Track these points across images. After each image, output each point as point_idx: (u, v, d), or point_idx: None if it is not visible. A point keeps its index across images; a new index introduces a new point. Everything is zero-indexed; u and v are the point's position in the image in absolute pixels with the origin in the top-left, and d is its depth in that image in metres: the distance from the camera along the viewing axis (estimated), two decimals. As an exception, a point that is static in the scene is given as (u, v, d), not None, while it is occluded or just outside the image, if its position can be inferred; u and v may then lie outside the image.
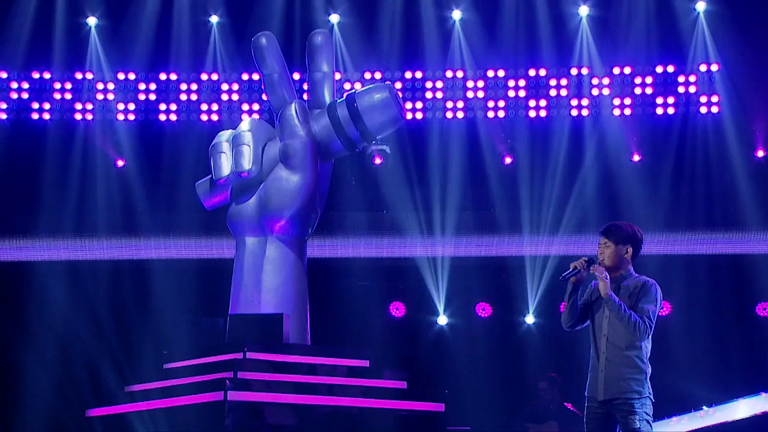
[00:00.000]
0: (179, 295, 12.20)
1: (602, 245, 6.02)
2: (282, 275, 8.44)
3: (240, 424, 7.54)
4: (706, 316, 12.10)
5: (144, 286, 12.37)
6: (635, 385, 5.83)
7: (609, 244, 6.00)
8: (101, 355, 11.67)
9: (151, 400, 8.00)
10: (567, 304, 6.03)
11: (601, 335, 5.92)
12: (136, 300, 12.31)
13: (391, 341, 12.31)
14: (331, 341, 11.00)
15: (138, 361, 10.89)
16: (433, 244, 12.64)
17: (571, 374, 10.35)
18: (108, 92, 12.65)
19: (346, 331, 11.94)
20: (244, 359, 7.92)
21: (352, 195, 12.71)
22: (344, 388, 8.16)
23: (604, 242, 6.02)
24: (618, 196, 12.19)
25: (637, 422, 5.77)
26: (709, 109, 12.18)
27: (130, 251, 12.65)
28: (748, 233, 12.20)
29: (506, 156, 12.67)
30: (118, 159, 12.74)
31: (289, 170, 8.39)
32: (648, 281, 5.97)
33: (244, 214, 8.52)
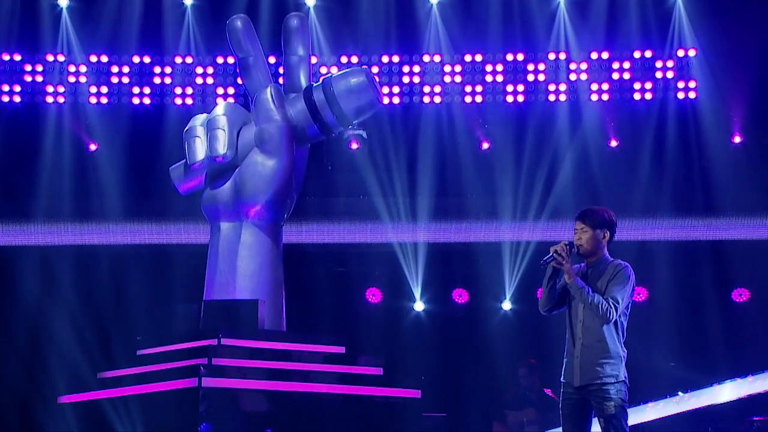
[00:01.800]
0: (153, 281, 12.17)
1: (579, 230, 6.06)
2: (257, 261, 8.44)
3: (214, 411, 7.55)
4: (683, 302, 12.21)
5: (117, 272, 12.33)
6: (611, 370, 5.88)
7: (586, 228, 6.05)
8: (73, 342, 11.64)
9: (124, 386, 8.00)
10: (545, 289, 6.07)
11: (577, 321, 5.97)
12: (109, 286, 12.27)
13: (367, 327, 12.35)
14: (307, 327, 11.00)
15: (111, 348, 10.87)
16: (409, 230, 12.66)
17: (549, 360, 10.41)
18: (80, 75, 12.57)
19: (321, 317, 11.96)
20: (219, 345, 7.93)
21: (329, 180, 12.71)
22: (320, 374, 8.18)
23: (581, 227, 6.06)
24: (595, 181, 12.25)
25: (612, 408, 5.82)
26: (687, 95, 12.25)
27: (103, 236, 12.59)
28: (725, 219, 12.31)
29: (483, 141, 12.70)
30: (91, 143, 12.67)
31: (264, 155, 8.38)
32: (621, 264, 6.02)
33: (219, 199, 8.50)
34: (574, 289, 5.90)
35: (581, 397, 5.93)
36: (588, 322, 5.93)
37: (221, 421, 7.59)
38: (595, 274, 6.00)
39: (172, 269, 12.19)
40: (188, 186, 8.76)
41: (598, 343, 5.91)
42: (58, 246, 12.53)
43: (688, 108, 12.27)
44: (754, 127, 12.22)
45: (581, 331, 5.94)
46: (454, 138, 12.59)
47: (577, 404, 5.94)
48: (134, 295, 12.11)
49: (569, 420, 5.96)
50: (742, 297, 12.37)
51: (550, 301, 6.09)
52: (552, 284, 6.05)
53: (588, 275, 6.02)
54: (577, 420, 5.93)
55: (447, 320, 12.81)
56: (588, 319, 5.93)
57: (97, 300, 12.21)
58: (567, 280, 5.92)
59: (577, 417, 5.94)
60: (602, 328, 5.90)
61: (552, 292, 6.06)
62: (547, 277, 6.05)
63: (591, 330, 5.91)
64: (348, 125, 8.83)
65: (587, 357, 5.90)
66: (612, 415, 5.81)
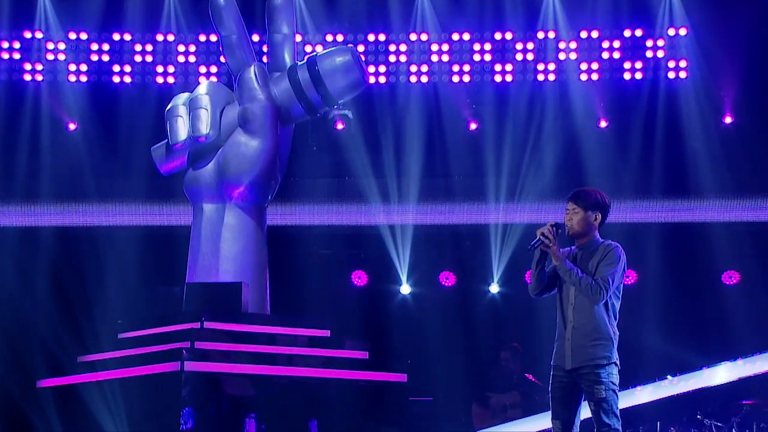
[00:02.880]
0: (134, 263, 12.14)
1: (570, 211, 6.06)
2: (241, 243, 8.45)
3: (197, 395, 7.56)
4: (672, 285, 12.26)
5: (98, 254, 12.29)
6: (602, 352, 5.90)
7: (578, 210, 6.05)
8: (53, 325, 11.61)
9: (104, 370, 8.00)
10: (534, 272, 6.08)
11: (568, 303, 5.98)
12: (90, 268, 12.23)
13: (352, 311, 12.36)
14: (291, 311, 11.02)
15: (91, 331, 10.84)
16: (396, 212, 12.66)
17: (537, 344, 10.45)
18: (59, 52, 12.48)
19: (306, 300, 11.96)
20: (202, 329, 7.93)
21: (314, 161, 12.69)
22: (304, 358, 8.20)
23: (573, 208, 6.06)
24: (584, 162, 12.27)
25: (603, 391, 5.84)
26: (677, 75, 12.26)
27: (84, 217, 12.55)
28: (715, 201, 12.35)
29: (471, 121, 12.69)
30: (70, 122, 12.60)
31: (248, 135, 8.38)
32: (611, 244, 6.03)
33: (202, 180, 8.50)
34: (562, 271, 5.91)
35: (572, 380, 5.95)
36: (579, 304, 5.94)
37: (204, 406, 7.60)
38: (586, 256, 6.01)
39: (153, 251, 12.17)
40: (170, 166, 8.74)
41: (590, 325, 5.92)
42: (36, 227, 12.48)
43: (678, 88, 12.29)
44: (745, 108, 12.25)
45: (572, 314, 5.95)
46: (442, 118, 12.58)
47: (567, 387, 5.96)
48: (115, 277, 12.08)
49: (558, 403, 5.97)
50: (732, 280, 12.42)
51: (540, 285, 6.10)
52: (541, 267, 6.06)
53: (578, 257, 6.03)
54: (567, 403, 5.95)
55: (434, 303, 12.83)
56: (579, 301, 5.94)
57: (77, 282, 12.17)
58: (555, 262, 5.93)
59: (567, 400, 5.96)
60: (594, 309, 5.91)
61: (541, 276, 6.07)
62: (536, 261, 6.06)
63: (582, 312, 5.92)
64: (333, 105, 8.81)
65: (578, 339, 5.92)
66: (603, 398, 5.83)
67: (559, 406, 5.97)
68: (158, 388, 7.62)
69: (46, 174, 12.46)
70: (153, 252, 12.15)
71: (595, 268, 5.94)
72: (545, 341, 6.36)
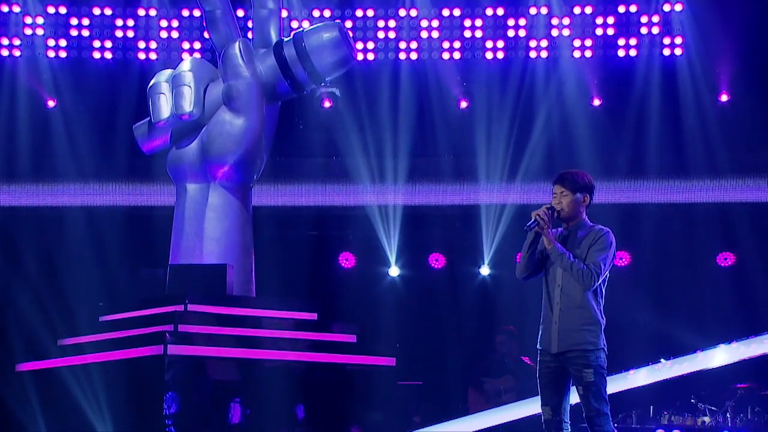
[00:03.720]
0: (116, 244, 12.13)
1: (558, 194, 6.08)
2: (226, 224, 8.44)
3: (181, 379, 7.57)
4: (666, 266, 12.31)
5: (78, 235, 12.27)
6: (590, 336, 5.93)
7: (566, 192, 6.07)
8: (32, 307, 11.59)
9: (85, 354, 8.00)
10: (525, 254, 6.10)
11: (555, 286, 6.01)
12: (70, 249, 12.22)
13: (340, 293, 12.39)
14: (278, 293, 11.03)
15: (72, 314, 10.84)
16: (384, 192, 12.67)
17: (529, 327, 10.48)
18: (36, 27, 12.41)
19: (293, 282, 11.98)
20: (185, 311, 7.93)
21: (300, 140, 12.68)
22: (291, 341, 8.21)
23: (561, 191, 6.08)
24: (577, 142, 12.29)
25: (591, 375, 5.87)
26: (673, 51, 12.27)
27: (63, 197, 12.53)
28: (710, 181, 12.39)
29: (461, 99, 12.69)
30: (49, 99, 12.55)
31: (232, 113, 8.36)
32: (602, 229, 6.06)
33: (185, 159, 8.49)
34: (554, 255, 5.93)
35: (559, 364, 5.98)
36: (567, 287, 5.96)
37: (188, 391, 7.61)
38: (575, 239, 6.03)
39: (135, 232, 12.16)
40: (152, 145, 8.73)
41: (577, 309, 5.95)
42: (14, 207, 12.44)
43: (673, 65, 12.30)
44: (742, 86, 12.26)
45: (559, 297, 5.98)
46: (432, 96, 12.57)
47: (554, 372, 5.99)
48: (96, 259, 12.06)
49: (547, 388, 6.01)
50: (727, 261, 12.48)
51: (529, 268, 6.12)
52: (532, 250, 6.08)
53: (567, 240, 6.05)
54: (556, 388, 5.98)
55: (423, 286, 12.86)
56: (567, 284, 5.96)
57: (57, 264, 12.16)
58: (547, 245, 5.95)
59: (556, 385, 5.99)
60: (581, 294, 5.94)
61: (531, 258, 6.09)
62: (528, 243, 6.08)
63: (569, 296, 5.95)
64: (320, 82, 8.80)
65: (565, 323, 5.95)
66: (591, 382, 5.87)
67: (548, 391, 6.01)
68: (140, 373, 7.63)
69: (24, 153, 12.41)
70: (135, 233, 12.14)
71: (586, 252, 5.96)
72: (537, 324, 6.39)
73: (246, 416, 7.87)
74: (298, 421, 8.12)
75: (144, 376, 7.61)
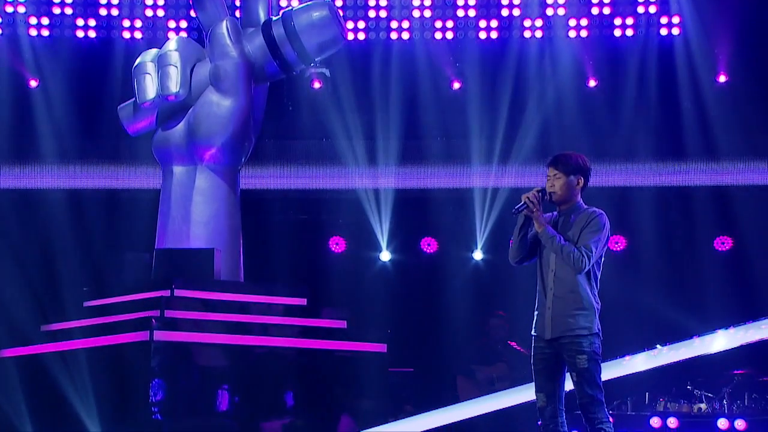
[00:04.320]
0: (100, 228, 12.11)
1: (551, 177, 6.08)
2: (213, 207, 8.45)
3: (167, 366, 7.58)
4: (663, 251, 12.33)
5: (62, 218, 12.24)
6: (584, 322, 5.94)
7: (560, 175, 6.07)
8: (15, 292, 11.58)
9: (70, 340, 8.00)
10: (516, 238, 6.10)
11: (549, 271, 6.01)
12: (54, 233, 12.19)
13: (330, 278, 12.39)
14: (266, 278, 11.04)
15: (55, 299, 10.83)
16: (375, 175, 12.66)
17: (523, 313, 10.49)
18: (18, 4, 12.33)
19: (281, 267, 11.97)
20: (172, 297, 7.94)
21: (289, 121, 12.66)
22: (280, 327, 8.23)
23: (554, 173, 6.08)
24: (573, 124, 12.28)
25: (585, 362, 5.88)
26: (670, 31, 12.26)
27: (45, 180, 12.49)
28: (707, 163, 12.41)
29: (454, 81, 12.67)
30: (31, 79, 12.50)
31: (220, 94, 8.36)
32: (595, 211, 6.06)
33: (172, 141, 8.49)
34: (545, 237, 5.94)
35: (553, 350, 5.99)
36: (560, 272, 5.97)
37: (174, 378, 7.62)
38: (568, 222, 6.03)
39: (121, 215, 12.13)
40: (138, 126, 8.72)
41: (571, 294, 5.96)
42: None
43: (671, 46, 12.29)
44: (740, 66, 12.26)
45: (553, 282, 5.98)
46: (423, 77, 12.55)
47: (549, 358, 6.01)
48: (81, 242, 12.04)
49: (541, 375, 6.02)
50: (725, 245, 12.51)
51: (521, 252, 6.13)
52: (523, 234, 6.08)
53: (560, 223, 6.06)
54: (550, 375, 6.00)
55: (415, 271, 12.87)
56: (560, 269, 5.97)
57: (41, 248, 12.13)
58: (537, 228, 5.95)
59: (550, 371, 6.01)
60: (575, 278, 5.94)
61: (523, 242, 6.10)
62: (519, 227, 6.09)
63: (563, 281, 5.96)
64: (310, 62, 8.80)
65: (559, 309, 5.96)
66: (585, 368, 5.88)
67: (542, 378, 6.02)
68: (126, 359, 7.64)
69: (5, 133, 12.36)
70: (120, 216, 12.11)
71: (578, 235, 5.96)
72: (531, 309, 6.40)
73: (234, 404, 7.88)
74: (287, 409, 8.14)
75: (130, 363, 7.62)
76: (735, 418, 8.84)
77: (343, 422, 8.31)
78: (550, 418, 5.99)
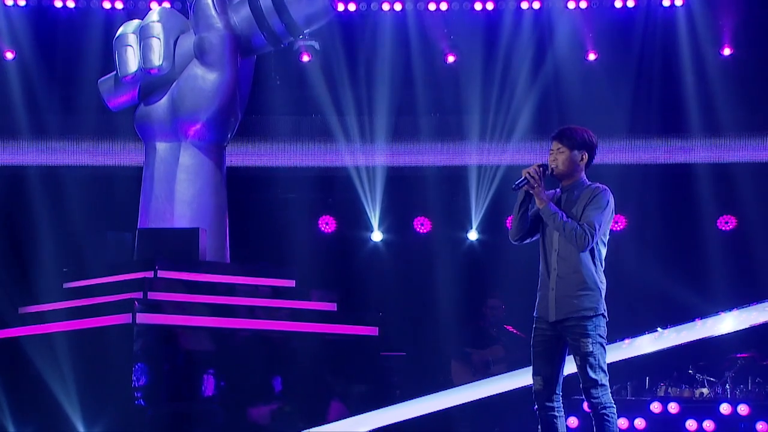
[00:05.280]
0: (81, 207, 12.09)
1: (555, 151, 6.06)
2: (198, 185, 8.45)
3: (150, 350, 7.58)
4: (664, 230, 12.34)
5: (40, 196, 12.23)
6: (589, 303, 5.93)
7: (563, 149, 6.04)
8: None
9: (49, 322, 8.00)
10: (516, 215, 6.09)
11: (552, 250, 5.99)
12: (31, 211, 12.17)
13: (319, 259, 12.39)
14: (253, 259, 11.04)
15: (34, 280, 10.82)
16: (366, 152, 12.65)
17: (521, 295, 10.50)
18: (-7, -27, 12.28)
19: (269, 248, 11.98)
20: (155, 278, 7.94)
21: (277, 96, 12.63)
22: (267, 310, 8.23)
23: (557, 147, 6.06)
24: (571, 99, 12.27)
25: (589, 345, 5.87)
26: (673, 2, 12.24)
27: (23, 156, 12.46)
28: (711, 140, 12.41)
29: (449, 54, 12.65)
30: (7, 50, 12.44)
31: (204, 67, 8.34)
32: (599, 187, 6.04)
33: (155, 117, 8.47)
34: (546, 214, 5.92)
35: (556, 333, 5.98)
36: (564, 251, 5.95)
37: (158, 362, 7.62)
38: (571, 199, 6.02)
39: (102, 194, 12.11)
40: (119, 101, 8.70)
41: (575, 274, 5.94)
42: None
43: (674, 17, 12.27)
44: (745, 39, 12.26)
45: (556, 262, 5.96)
46: (417, 50, 12.53)
47: (550, 341, 5.99)
48: (59, 221, 12.02)
49: (540, 358, 6.01)
50: (728, 225, 12.53)
51: (522, 229, 6.11)
52: (524, 210, 6.06)
53: (562, 200, 6.04)
54: (549, 358, 5.99)
55: (408, 251, 12.88)
56: (563, 248, 5.95)
57: (18, 227, 12.11)
58: (539, 205, 5.94)
59: (550, 355, 6.00)
60: (579, 257, 5.92)
61: (523, 219, 6.08)
62: (519, 203, 6.07)
63: (567, 260, 5.94)
64: (298, 35, 8.76)
65: (563, 290, 5.94)
66: (589, 352, 5.87)
67: (541, 361, 6.01)
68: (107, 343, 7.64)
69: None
70: (101, 195, 12.10)
71: (581, 212, 5.95)
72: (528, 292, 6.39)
73: (219, 389, 7.89)
74: (274, 395, 8.15)
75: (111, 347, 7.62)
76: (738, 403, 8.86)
77: (333, 408, 8.33)
78: (547, 403, 5.99)
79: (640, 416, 8.83)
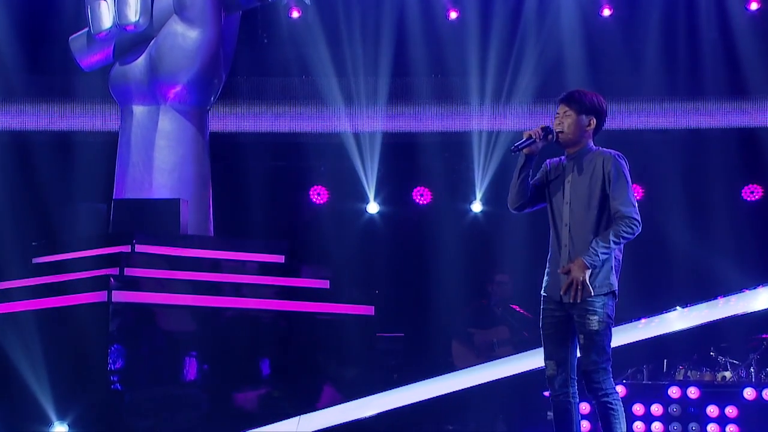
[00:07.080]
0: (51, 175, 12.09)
1: (561, 114, 6.04)
2: (179, 153, 8.47)
3: (127, 329, 7.60)
4: (686, 200, 12.35)
5: (6, 163, 12.23)
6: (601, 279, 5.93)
7: (570, 113, 6.02)
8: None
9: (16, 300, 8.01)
10: (516, 181, 6.06)
11: (563, 225, 5.98)
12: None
13: (311, 232, 12.42)
14: (239, 232, 11.04)
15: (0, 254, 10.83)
16: (362, 117, 12.65)
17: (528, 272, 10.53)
18: None
19: (256, 220, 12.00)
20: (133, 253, 7.95)
21: (264, 56, 12.64)
22: (254, 287, 8.25)
23: (564, 111, 6.04)
24: (583, 58, 12.26)
25: (596, 323, 5.86)
26: (695, -47, 12.24)
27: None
28: (736, 103, 12.41)
29: (451, 10, 12.63)
30: (-29, 7, 12.42)
31: (185, 24, 8.34)
32: (611, 154, 6.00)
33: (131, 77, 8.48)
34: (599, 261, 5.85)
35: (565, 313, 5.97)
36: (576, 227, 5.93)
37: (136, 342, 7.64)
38: (578, 168, 5.98)
39: (74, 161, 12.11)
40: (92, 60, 8.70)
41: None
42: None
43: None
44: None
45: (568, 238, 5.95)
46: (415, 5, 12.51)
47: (560, 322, 5.98)
48: (28, 191, 12.03)
49: (552, 341, 6.00)
50: (755, 195, 12.54)
51: (522, 197, 6.08)
52: (524, 176, 6.04)
53: (567, 169, 6.02)
54: (561, 340, 5.97)
55: (406, 224, 12.91)
56: (576, 223, 5.93)
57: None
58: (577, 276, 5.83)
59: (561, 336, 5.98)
60: (592, 232, 5.92)
61: (524, 186, 6.05)
62: (519, 167, 6.04)
63: (579, 235, 5.92)
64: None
65: (575, 267, 5.93)
66: (595, 330, 5.85)
67: (552, 344, 6.00)
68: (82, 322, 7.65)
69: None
70: (73, 162, 12.09)
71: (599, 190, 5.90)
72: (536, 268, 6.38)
73: (203, 372, 7.91)
74: (262, 378, 8.18)
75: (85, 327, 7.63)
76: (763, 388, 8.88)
77: (326, 393, 8.35)
78: (561, 388, 5.98)
79: (657, 402, 8.84)
